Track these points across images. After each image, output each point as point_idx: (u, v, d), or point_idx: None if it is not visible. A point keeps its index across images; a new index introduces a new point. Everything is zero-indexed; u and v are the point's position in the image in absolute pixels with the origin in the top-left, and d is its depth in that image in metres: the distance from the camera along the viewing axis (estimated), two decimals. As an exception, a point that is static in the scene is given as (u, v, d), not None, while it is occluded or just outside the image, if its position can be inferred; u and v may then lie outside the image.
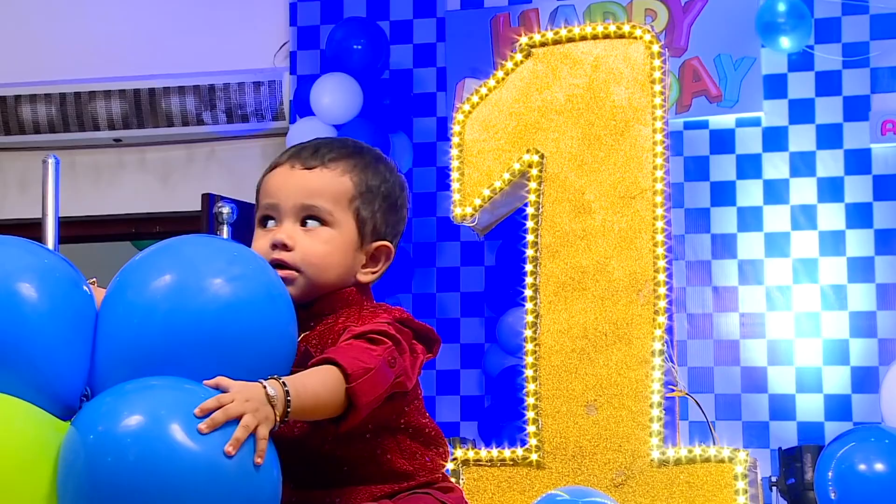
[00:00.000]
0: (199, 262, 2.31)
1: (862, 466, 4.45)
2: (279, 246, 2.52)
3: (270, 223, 2.57)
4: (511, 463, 4.29)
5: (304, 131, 6.86)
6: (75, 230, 7.02)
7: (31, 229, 5.32)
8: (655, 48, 4.35)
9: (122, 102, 7.40)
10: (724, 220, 6.80)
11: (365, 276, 2.60)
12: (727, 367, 6.70)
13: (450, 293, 7.10)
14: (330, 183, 2.56)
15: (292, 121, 7.24)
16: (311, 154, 2.59)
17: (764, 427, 6.62)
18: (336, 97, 6.82)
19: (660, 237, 4.28)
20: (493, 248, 6.93)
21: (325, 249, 2.54)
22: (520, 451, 4.28)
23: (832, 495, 4.35)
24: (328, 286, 2.55)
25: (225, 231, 6.16)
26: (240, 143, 7.50)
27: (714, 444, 4.28)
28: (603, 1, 6.99)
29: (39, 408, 2.22)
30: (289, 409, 2.19)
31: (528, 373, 4.30)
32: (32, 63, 7.57)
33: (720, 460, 4.15)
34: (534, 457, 4.26)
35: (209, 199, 6.77)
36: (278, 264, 2.51)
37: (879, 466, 4.43)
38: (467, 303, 7.07)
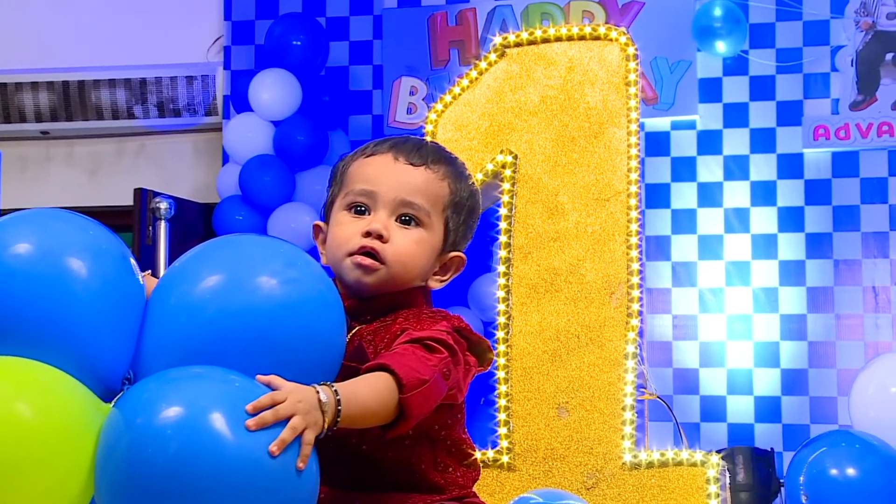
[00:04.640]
0: (255, 261, 2.29)
1: (833, 471, 4.49)
2: (374, 235, 2.50)
3: (360, 210, 2.54)
4: (481, 465, 4.24)
5: (241, 126, 6.78)
6: (0, 224, 6.85)
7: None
8: (630, 50, 4.34)
9: (51, 94, 7.26)
10: (658, 222, 6.83)
11: (434, 283, 2.60)
12: (659, 369, 6.73)
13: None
14: (431, 184, 2.55)
15: (226, 116, 7.13)
16: (414, 150, 2.57)
17: (695, 428, 6.65)
18: (275, 93, 6.72)
19: (633, 240, 4.26)
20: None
21: (415, 250, 2.53)
22: (490, 453, 4.25)
23: (804, 499, 4.37)
24: (401, 285, 2.53)
25: (162, 227, 6.04)
26: (171, 138, 7.39)
27: (685, 447, 4.28)
28: (540, 2, 6.98)
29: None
30: (338, 419, 2.15)
31: (500, 374, 4.25)
32: (-43, 53, 7.41)
33: (692, 464, 4.15)
34: (505, 459, 4.23)
35: (142, 194, 6.65)
36: (367, 253, 2.49)
37: (851, 471, 4.46)
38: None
